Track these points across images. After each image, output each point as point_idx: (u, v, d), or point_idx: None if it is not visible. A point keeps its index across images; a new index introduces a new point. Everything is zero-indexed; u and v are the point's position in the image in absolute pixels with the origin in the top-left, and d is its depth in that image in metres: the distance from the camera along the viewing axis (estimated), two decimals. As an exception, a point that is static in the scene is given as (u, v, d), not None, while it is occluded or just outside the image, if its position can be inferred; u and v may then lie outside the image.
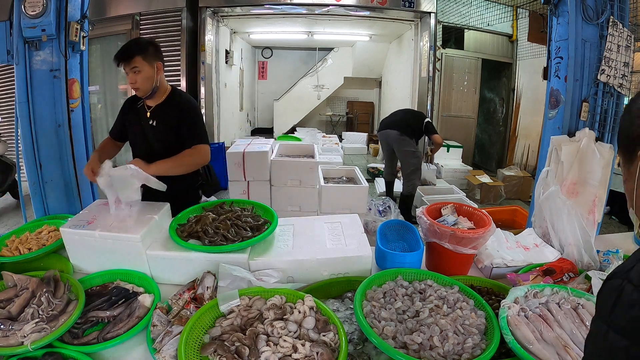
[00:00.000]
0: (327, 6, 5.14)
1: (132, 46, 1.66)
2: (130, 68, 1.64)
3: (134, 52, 1.64)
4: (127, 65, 1.64)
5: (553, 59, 2.00)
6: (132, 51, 1.64)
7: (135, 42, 1.72)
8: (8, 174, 4.37)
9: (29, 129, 2.04)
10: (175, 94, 1.80)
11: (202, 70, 5.32)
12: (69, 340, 1.07)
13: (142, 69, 1.65)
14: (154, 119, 1.77)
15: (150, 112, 1.78)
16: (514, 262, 1.45)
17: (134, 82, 1.67)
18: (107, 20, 4.99)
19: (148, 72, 1.67)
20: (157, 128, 1.76)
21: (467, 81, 6.27)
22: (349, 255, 1.33)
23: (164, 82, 1.78)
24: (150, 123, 1.77)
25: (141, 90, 1.70)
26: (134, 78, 1.66)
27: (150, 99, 1.76)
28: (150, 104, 1.79)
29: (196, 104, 1.84)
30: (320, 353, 0.93)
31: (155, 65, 1.69)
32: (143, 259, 1.35)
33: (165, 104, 1.78)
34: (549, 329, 0.98)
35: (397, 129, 4.05)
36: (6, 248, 1.47)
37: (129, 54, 1.64)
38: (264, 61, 9.82)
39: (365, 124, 9.78)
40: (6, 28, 1.97)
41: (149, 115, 1.77)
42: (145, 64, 1.66)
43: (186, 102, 1.79)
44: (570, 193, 1.74)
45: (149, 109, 1.79)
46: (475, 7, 5.60)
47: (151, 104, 1.79)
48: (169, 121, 1.74)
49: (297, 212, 3.19)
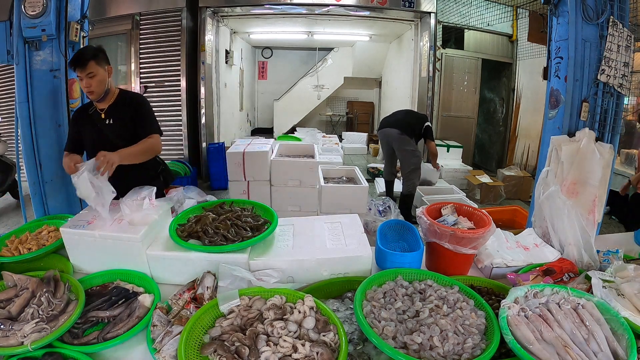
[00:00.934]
0: (327, 6, 5.14)
1: (85, 53, 1.77)
2: (85, 74, 1.75)
3: (88, 58, 1.75)
4: (83, 71, 1.74)
5: (553, 59, 2.00)
6: (86, 57, 1.75)
7: (86, 49, 1.85)
8: (8, 174, 4.36)
9: (29, 129, 2.04)
10: (125, 94, 1.95)
11: (202, 70, 5.32)
12: (69, 340, 1.07)
13: (97, 72, 1.77)
14: (109, 117, 1.89)
15: (104, 113, 1.89)
16: (514, 262, 1.45)
17: (89, 86, 1.77)
18: (107, 20, 4.99)
19: (102, 75, 1.80)
20: (114, 125, 1.88)
21: (467, 81, 6.27)
22: (349, 255, 1.33)
23: (112, 84, 1.91)
24: (107, 123, 1.88)
25: (95, 94, 1.81)
26: (89, 82, 1.76)
27: (102, 101, 1.88)
28: (102, 106, 1.90)
29: (145, 99, 2.00)
30: (320, 353, 0.93)
31: (106, 68, 1.83)
32: (143, 259, 1.35)
33: (117, 103, 1.91)
34: (549, 329, 0.98)
35: (397, 127, 4.05)
36: (6, 248, 1.47)
37: (83, 60, 1.74)
38: (264, 61, 9.82)
39: (365, 124, 9.78)
40: (6, 28, 1.98)
41: (104, 116, 1.89)
42: (98, 68, 1.78)
43: (137, 98, 1.95)
44: (570, 193, 1.74)
45: (102, 111, 1.89)
46: (475, 7, 5.60)
47: (103, 106, 1.90)
48: (123, 118, 1.88)
49: (297, 212, 3.19)
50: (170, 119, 5.24)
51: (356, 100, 9.99)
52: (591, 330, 0.97)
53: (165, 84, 5.24)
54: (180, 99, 5.22)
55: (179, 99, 5.23)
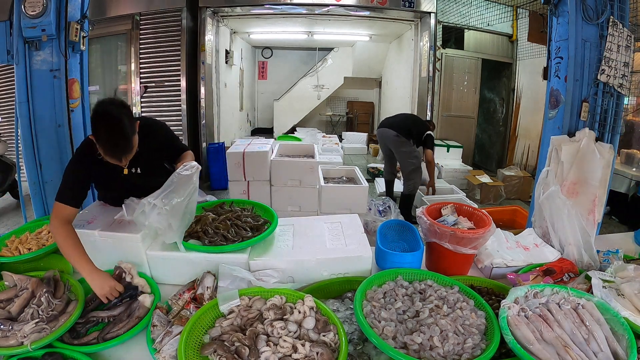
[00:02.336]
0: (327, 6, 5.14)
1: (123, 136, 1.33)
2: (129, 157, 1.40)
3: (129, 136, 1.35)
4: (128, 157, 1.39)
5: (553, 59, 2.00)
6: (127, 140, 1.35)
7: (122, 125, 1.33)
8: (8, 174, 4.36)
9: (29, 129, 2.04)
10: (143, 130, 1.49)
11: (202, 70, 5.32)
12: (69, 340, 1.07)
13: (135, 144, 1.41)
14: (135, 167, 1.57)
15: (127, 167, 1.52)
16: (514, 262, 1.45)
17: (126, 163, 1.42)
18: (107, 20, 4.99)
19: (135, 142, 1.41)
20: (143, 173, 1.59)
21: (467, 81, 6.27)
22: (348, 255, 1.33)
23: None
24: (134, 172, 1.57)
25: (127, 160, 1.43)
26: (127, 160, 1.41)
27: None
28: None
29: (157, 123, 1.67)
30: (320, 353, 0.93)
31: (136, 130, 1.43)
32: (143, 259, 1.35)
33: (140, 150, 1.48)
34: (549, 329, 0.98)
35: (394, 129, 4.02)
36: (6, 248, 1.48)
37: (128, 146, 1.36)
38: (264, 61, 9.82)
39: (365, 124, 9.78)
40: (6, 28, 1.97)
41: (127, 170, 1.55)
42: (135, 138, 1.41)
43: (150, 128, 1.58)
44: (570, 193, 1.74)
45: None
46: (475, 7, 5.60)
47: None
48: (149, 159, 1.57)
49: (297, 212, 3.19)
50: (170, 119, 5.23)
51: (356, 100, 9.99)
52: (591, 330, 0.97)
53: (165, 84, 5.23)
54: (180, 99, 5.22)
55: (179, 99, 5.22)
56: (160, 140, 1.60)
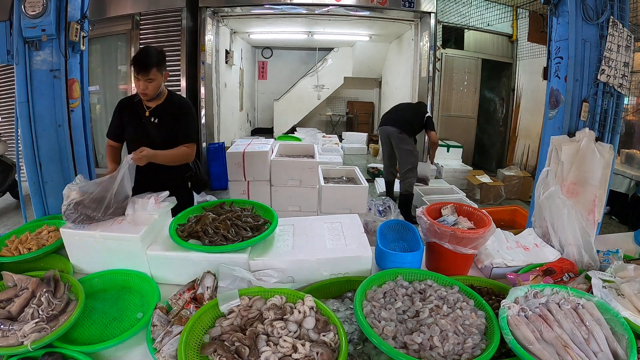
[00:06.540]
0: (327, 6, 5.14)
1: (149, 58, 1.78)
2: (146, 78, 1.78)
3: (152, 64, 1.77)
4: (144, 76, 1.77)
5: (553, 59, 2.00)
6: (150, 63, 1.76)
7: (150, 53, 1.81)
8: (8, 174, 4.37)
9: (29, 129, 2.04)
10: (173, 97, 1.98)
11: (202, 70, 5.31)
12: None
13: (156, 78, 1.81)
14: (155, 116, 1.92)
15: (149, 111, 1.92)
16: (514, 262, 1.45)
17: (145, 88, 1.80)
18: (107, 20, 4.98)
19: (159, 81, 1.84)
20: (158, 125, 1.91)
21: (467, 81, 6.27)
22: (348, 255, 1.33)
23: (164, 86, 1.96)
24: (152, 120, 1.91)
25: (148, 96, 1.86)
26: (146, 86, 1.80)
27: (152, 101, 1.92)
28: (149, 104, 1.93)
29: (191, 107, 2.02)
30: (320, 353, 0.93)
31: (164, 74, 1.87)
32: (143, 259, 1.35)
33: (164, 104, 1.94)
34: (549, 329, 0.98)
35: (397, 126, 4.07)
36: (6, 248, 1.47)
37: (148, 65, 1.76)
38: (264, 61, 9.82)
39: (365, 124, 9.78)
40: (6, 28, 1.97)
41: (149, 114, 1.92)
42: (158, 74, 1.82)
43: (183, 103, 1.99)
44: (570, 193, 1.74)
45: (148, 108, 1.93)
46: (475, 7, 5.60)
47: (151, 104, 1.93)
48: (167, 119, 1.91)
49: (297, 212, 3.19)
50: (170, 119, 5.24)
51: (356, 100, 9.99)
52: (591, 330, 0.97)
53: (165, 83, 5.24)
54: (180, 99, 5.22)
55: (179, 99, 5.23)
56: (178, 114, 1.92)
